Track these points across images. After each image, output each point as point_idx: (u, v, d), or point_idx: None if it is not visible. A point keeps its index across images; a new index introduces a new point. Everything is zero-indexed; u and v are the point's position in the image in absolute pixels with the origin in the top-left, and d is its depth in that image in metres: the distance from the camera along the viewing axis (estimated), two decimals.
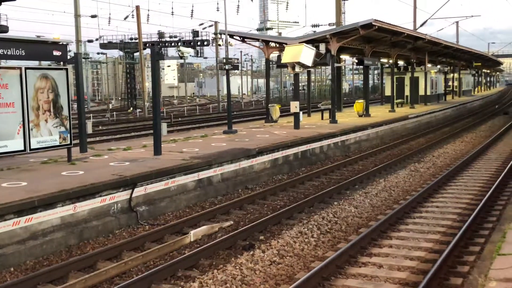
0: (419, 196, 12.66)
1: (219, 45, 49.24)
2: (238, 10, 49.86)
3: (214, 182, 13.97)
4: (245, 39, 28.29)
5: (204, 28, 57.25)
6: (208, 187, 13.63)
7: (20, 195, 9.34)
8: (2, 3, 36.81)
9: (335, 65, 26.26)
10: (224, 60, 20.70)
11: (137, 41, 53.54)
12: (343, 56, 31.83)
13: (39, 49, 12.70)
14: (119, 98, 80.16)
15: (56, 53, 13.02)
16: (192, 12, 51.43)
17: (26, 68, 12.17)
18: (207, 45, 60.21)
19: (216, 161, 14.11)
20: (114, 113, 48.09)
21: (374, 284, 7.54)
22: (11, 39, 12.38)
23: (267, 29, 68.57)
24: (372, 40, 28.94)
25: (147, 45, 59.34)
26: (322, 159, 19.45)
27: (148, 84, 59.75)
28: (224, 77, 52.68)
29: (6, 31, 40.67)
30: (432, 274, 7.33)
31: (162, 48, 60.67)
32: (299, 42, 23.75)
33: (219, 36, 50.71)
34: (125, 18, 50.45)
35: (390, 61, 34.18)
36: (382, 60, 34.96)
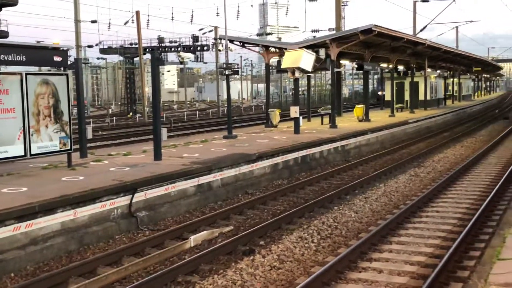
0: (419, 201, 12.69)
1: (219, 50, 49.41)
2: (238, 15, 50.03)
3: (214, 187, 14.00)
4: (245, 44, 28.38)
5: (204, 33, 57.49)
6: (208, 192, 13.66)
7: (20, 201, 9.37)
8: (2, 8, 36.88)
9: (335, 70, 26.33)
10: (224, 65, 20.77)
11: (137, 46, 53.64)
12: (343, 61, 31.94)
13: (39, 55, 12.79)
14: (119, 103, 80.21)
15: (57, 58, 13.09)
16: (192, 17, 51.70)
17: (26, 74, 12.24)
18: (207, 50, 60.35)
19: (216, 166, 14.14)
20: (114, 118, 48.12)
21: None
22: (12, 44, 12.48)
23: (267, 34, 69.03)
24: (372, 45, 29.03)
25: (147, 50, 59.42)
26: (322, 164, 19.47)
27: (148, 89, 59.88)
28: (224, 82, 52.77)
29: (7, 37, 40.75)
30: (432, 279, 7.35)
31: (162, 53, 60.84)
32: (299, 47, 23.82)
33: (219, 41, 50.88)
34: (125, 23, 50.55)
35: (390, 66, 34.28)
36: (382, 65, 35.05)
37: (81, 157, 15.18)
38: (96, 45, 57.74)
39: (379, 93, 45.37)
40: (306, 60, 21.88)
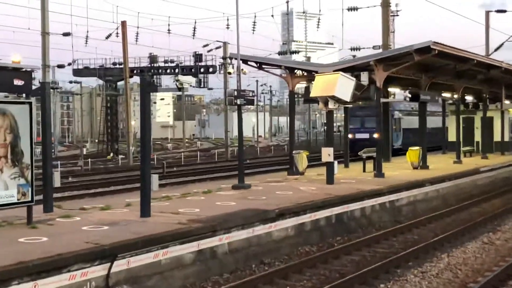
0: (495, 277, 12.47)
1: (229, 72, 50.08)
2: (254, 28, 50.83)
3: (219, 254, 13.93)
4: (263, 66, 28.75)
5: (209, 51, 58.29)
6: (212, 261, 13.58)
7: None
8: None
9: (381, 100, 26.44)
10: (235, 93, 20.98)
11: (121, 66, 54.71)
12: (391, 89, 32.03)
13: None
14: (96, 141, 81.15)
15: (18, 82, 13.35)
16: (194, 30, 52.40)
17: None
18: (213, 72, 61.26)
19: (222, 226, 14.10)
20: (89, 160, 48.65)
21: None
22: None
23: (292, 52, 69.59)
24: (431, 69, 29.19)
25: (135, 71, 60.61)
26: (364, 225, 19.32)
27: (134, 123, 60.65)
28: (235, 114, 53.24)
29: None
30: None
31: (154, 76, 61.80)
32: (334, 70, 24.02)
33: (228, 61, 51.69)
34: (107, 37, 51.73)
35: (455, 96, 34.34)
36: (444, 94, 35.11)
37: (45, 211, 15.26)
38: (69, 64, 58.96)
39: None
40: (343, 87, 21.99)
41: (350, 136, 39.18)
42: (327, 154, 22.61)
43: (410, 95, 29.10)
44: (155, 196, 17.67)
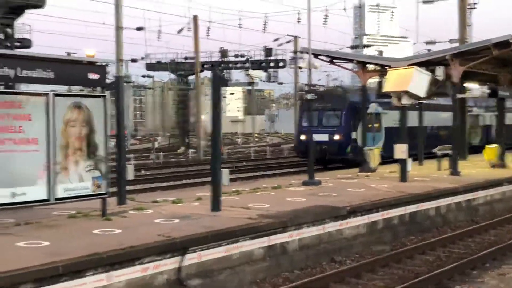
0: None
1: (300, 67, 49.88)
2: (325, 22, 50.54)
3: (290, 250, 13.91)
4: (334, 60, 28.58)
5: (279, 45, 58.24)
6: (282, 256, 13.58)
7: (40, 259, 9.68)
8: (26, 11, 39.17)
9: (457, 96, 25.85)
10: (306, 87, 20.91)
11: (193, 60, 55.27)
12: (468, 84, 31.27)
13: (71, 71, 13.38)
14: (168, 134, 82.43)
15: (92, 76, 13.63)
16: (265, 24, 52.55)
17: (54, 95, 12.80)
18: (283, 66, 61.23)
19: (292, 222, 14.08)
20: (161, 153, 49.37)
21: None
22: (37, 57, 13.11)
23: (364, 46, 69.05)
24: (510, 64, 28.31)
25: (206, 66, 61.16)
26: (438, 224, 18.97)
27: (205, 117, 61.23)
28: None
29: (29, 46, 43.22)
30: None
31: (225, 70, 62.23)
32: (408, 65, 23.65)
33: (299, 55, 51.53)
34: (179, 32, 52.35)
35: None
36: None
37: (119, 203, 15.60)
38: (142, 58, 59.96)
39: None
40: (418, 81, 21.64)
41: (302, 137, 33.98)
42: (400, 151, 22.29)
43: (488, 91, 28.42)
44: (225, 191, 17.79)
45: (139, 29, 45.19)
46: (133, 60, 56.56)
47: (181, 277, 11.27)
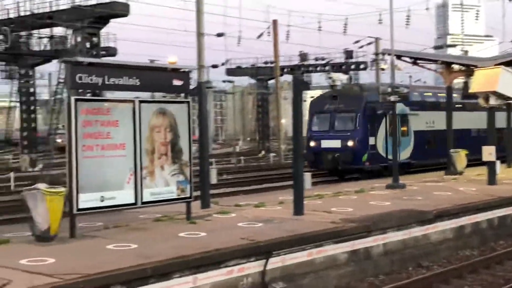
0: None
1: (382, 69, 49.37)
2: (407, 22, 49.75)
3: (374, 255, 13.77)
4: (417, 61, 28.12)
5: (360, 47, 57.64)
6: (366, 261, 13.46)
7: (129, 261, 9.99)
8: (111, 20, 40.26)
9: None
10: (389, 89, 20.67)
11: (272, 65, 55.58)
12: None
13: (156, 78, 13.70)
14: (248, 139, 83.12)
15: (177, 82, 13.94)
16: (345, 27, 52.23)
17: (140, 101, 13.17)
18: (364, 68, 60.66)
19: (376, 226, 13.94)
20: (242, 158, 49.78)
21: None
22: (124, 65, 13.51)
23: (448, 46, 67.54)
24: None
25: (285, 70, 61.30)
26: None
27: (285, 121, 61.42)
28: None
29: (114, 55, 44.59)
30: None
31: (304, 74, 62.21)
32: (495, 64, 23.00)
33: (381, 56, 50.96)
34: (259, 37, 52.68)
35: None
36: None
37: (203, 207, 15.85)
38: (222, 64, 60.55)
39: None
40: (507, 81, 21.03)
41: (312, 144, 29.84)
42: (488, 153, 21.69)
43: None
44: (307, 195, 17.74)
45: (219, 35, 45.71)
46: (214, 66, 57.22)
47: (265, 281, 11.35)
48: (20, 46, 42.59)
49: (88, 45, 38.26)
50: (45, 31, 43.75)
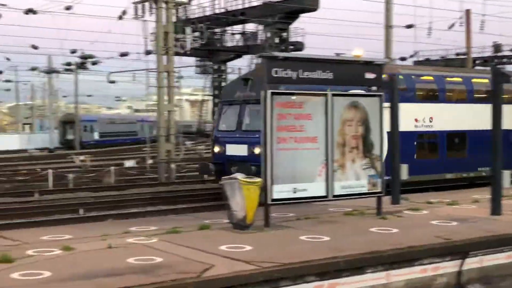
0: None
1: None
2: None
3: None
4: None
5: None
6: None
7: (322, 253, 10.12)
8: (300, 15, 40.89)
9: None
10: None
11: (464, 56, 53.37)
12: None
13: (348, 72, 13.69)
14: None
15: (369, 76, 13.88)
16: None
17: (332, 95, 13.25)
18: None
19: None
20: None
21: None
22: (317, 59, 13.68)
23: None
24: None
25: (476, 62, 58.71)
26: None
27: None
28: None
29: (302, 49, 45.22)
30: None
31: (497, 66, 59.27)
32: None
33: None
34: (450, 27, 50.74)
35: None
36: None
37: (393, 203, 15.65)
38: (411, 56, 59.22)
39: None
40: None
41: (216, 149, 20.25)
42: None
43: None
44: (505, 194, 16.90)
45: (408, 26, 44.74)
46: (402, 59, 56.07)
47: (461, 281, 10.99)
48: (215, 42, 44.68)
49: (277, 40, 39.23)
50: (237, 28, 45.53)
